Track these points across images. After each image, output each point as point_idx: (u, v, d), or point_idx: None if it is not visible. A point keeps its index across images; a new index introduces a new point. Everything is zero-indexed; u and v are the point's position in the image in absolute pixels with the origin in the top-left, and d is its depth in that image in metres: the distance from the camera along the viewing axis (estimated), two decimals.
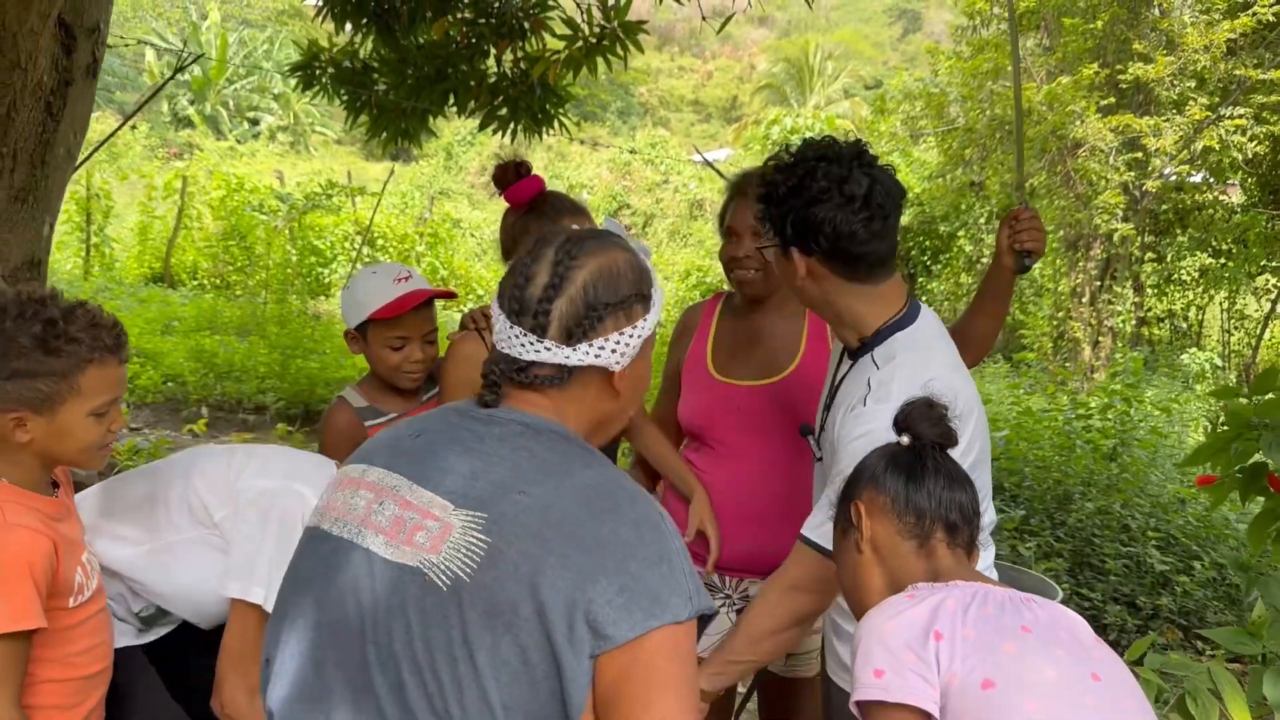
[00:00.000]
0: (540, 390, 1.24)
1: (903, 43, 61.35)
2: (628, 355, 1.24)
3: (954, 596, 1.35)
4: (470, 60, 5.42)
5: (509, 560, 1.09)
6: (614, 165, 24.54)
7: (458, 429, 1.23)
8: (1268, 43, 11.20)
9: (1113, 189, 11.20)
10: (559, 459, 1.19)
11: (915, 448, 1.51)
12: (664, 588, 1.10)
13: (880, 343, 1.81)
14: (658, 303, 1.29)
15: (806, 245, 1.77)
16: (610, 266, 1.24)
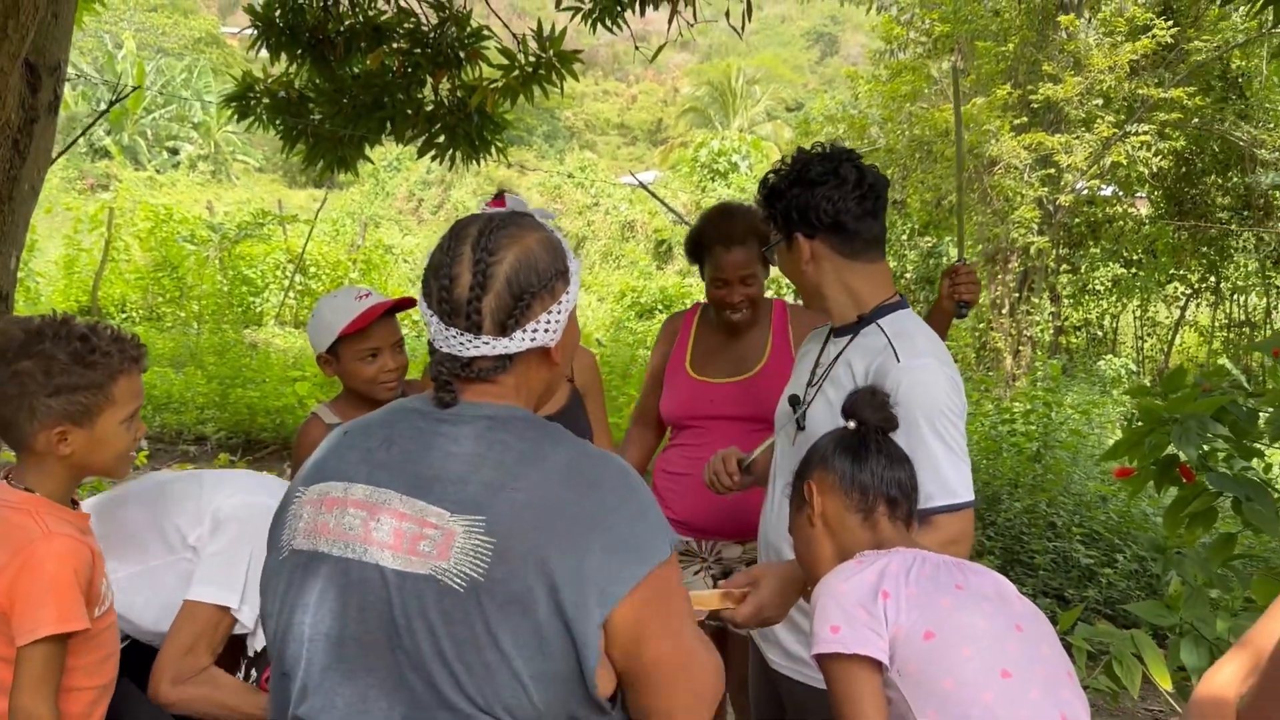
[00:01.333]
0: (490, 379, 1.31)
1: (821, 65, 62.57)
2: (559, 328, 1.32)
3: (896, 560, 1.52)
4: (407, 89, 5.50)
5: (518, 554, 1.17)
6: (544, 188, 24.63)
7: (429, 434, 1.29)
8: (1167, 63, 11.79)
9: (1028, 204, 11.66)
10: (531, 446, 1.26)
11: (860, 431, 1.68)
12: (647, 536, 1.24)
13: (882, 316, 1.98)
14: (575, 270, 1.35)
15: (810, 227, 1.97)
16: (527, 254, 1.29)
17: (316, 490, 1.31)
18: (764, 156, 20.37)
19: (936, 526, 1.87)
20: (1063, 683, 1.44)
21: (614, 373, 8.68)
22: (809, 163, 1.98)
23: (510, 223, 1.32)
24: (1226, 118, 12.27)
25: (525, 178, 31.06)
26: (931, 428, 1.83)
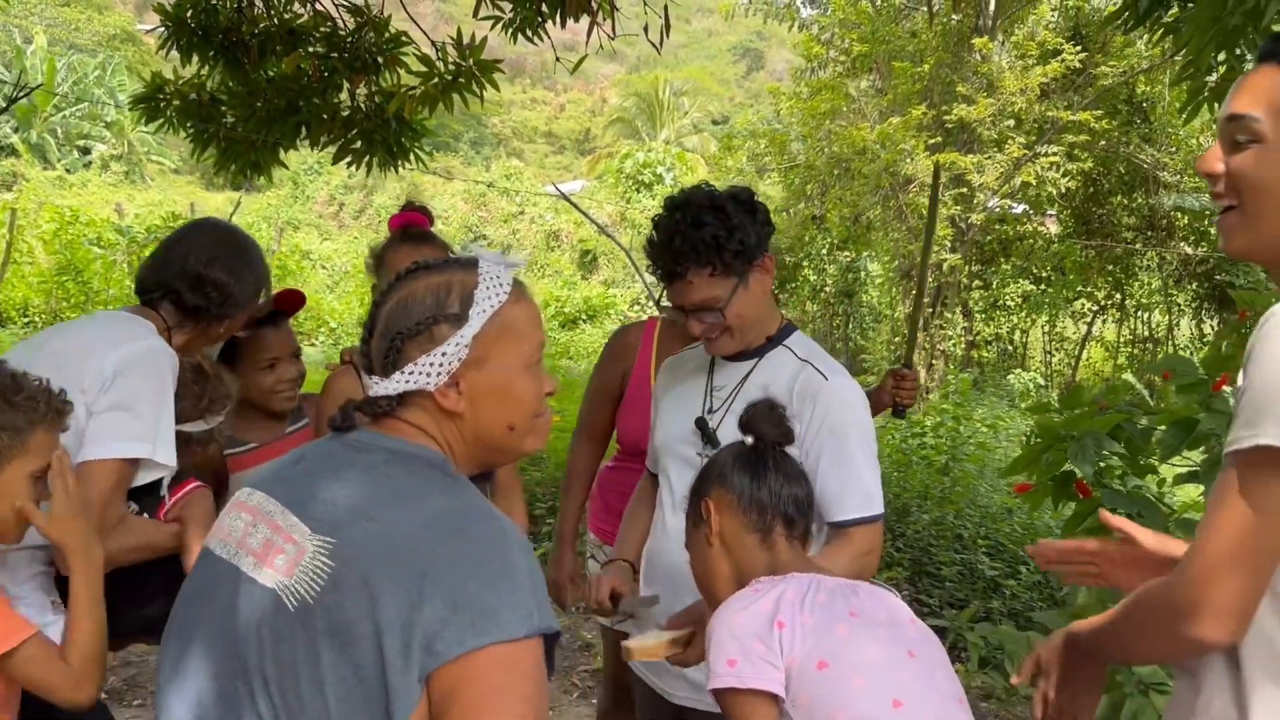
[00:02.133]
0: (396, 416, 1.30)
1: (747, 80, 63.42)
2: (442, 374, 1.27)
3: (792, 587, 1.50)
4: (323, 94, 5.40)
5: (350, 584, 1.12)
6: (469, 196, 24.46)
7: (331, 457, 1.29)
8: (1076, 86, 12.20)
9: (941, 222, 11.93)
10: (417, 485, 1.23)
11: (758, 447, 1.66)
12: (501, 605, 1.12)
13: (785, 338, 2.09)
14: (477, 317, 1.28)
15: (757, 257, 1.99)
16: (407, 297, 1.29)
17: (237, 494, 1.33)
18: (689, 169, 20.53)
19: (853, 539, 1.95)
20: (954, 710, 1.45)
21: None
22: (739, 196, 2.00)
23: (428, 267, 1.32)
24: (1131, 141, 12.75)
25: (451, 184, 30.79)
26: (859, 442, 1.96)
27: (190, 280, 2.08)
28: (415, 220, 2.46)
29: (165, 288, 2.09)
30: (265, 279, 2.23)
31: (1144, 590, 1.36)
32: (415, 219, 2.46)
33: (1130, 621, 1.36)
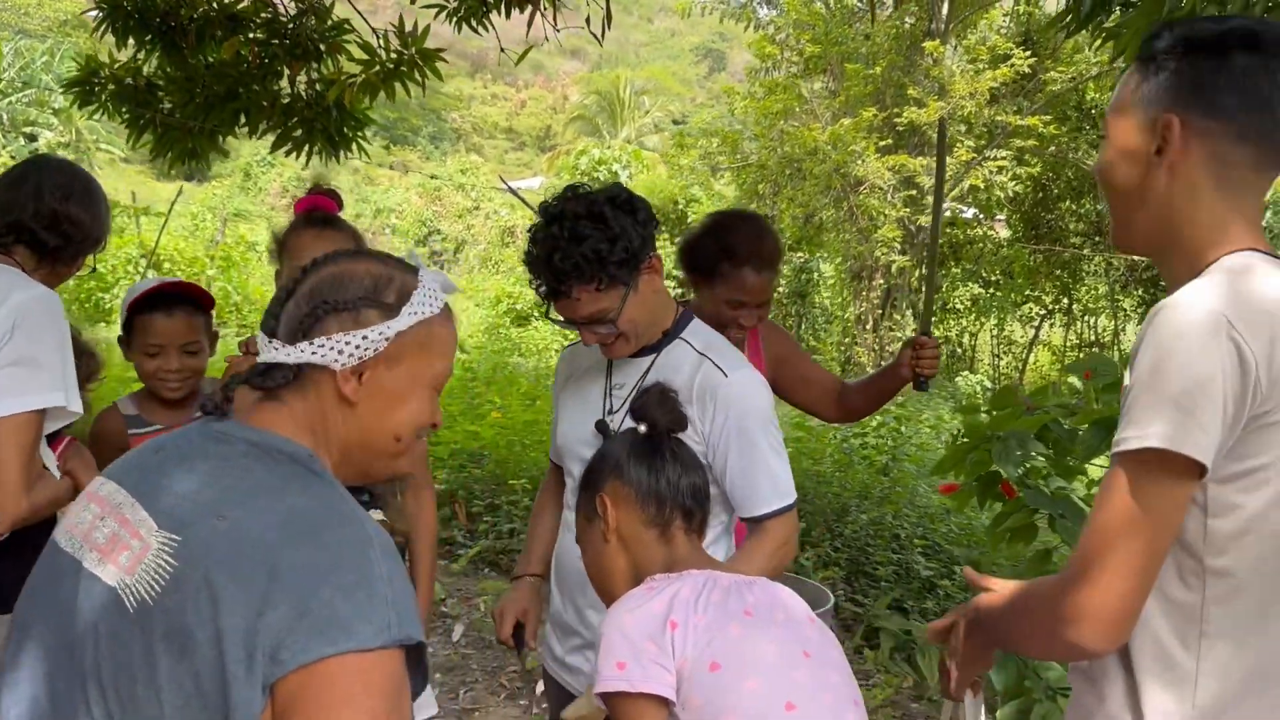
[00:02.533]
0: (278, 398, 1.24)
1: (709, 80, 63.59)
2: (354, 357, 1.21)
3: (688, 585, 1.45)
4: (263, 81, 5.30)
5: (192, 585, 1.06)
6: (424, 191, 24.28)
7: (190, 447, 1.21)
8: (1026, 91, 12.35)
9: (890, 224, 12.02)
10: (276, 481, 1.16)
11: (652, 435, 1.59)
12: (354, 614, 1.05)
13: (681, 330, 2.03)
14: (407, 316, 1.24)
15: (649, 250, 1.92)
16: (344, 272, 1.25)
17: (92, 484, 1.25)
18: (645, 167, 20.51)
19: (769, 531, 1.94)
20: (849, 712, 1.41)
21: (478, 379, 8.55)
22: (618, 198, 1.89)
23: (362, 253, 1.30)
24: (1080, 146, 12.92)
25: (407, 178, 30.56)
26: (764, 434, 1.93)
27: (47, 219, 2.02)
28: (322, 204, 2.36)
29: (19, 229, 2.02)
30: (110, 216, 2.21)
31: (1033, 587, 1.34)
32: (322, 202, 2.36)
33: (1019, 618, 1.34)
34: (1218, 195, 1.24)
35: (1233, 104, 1.21)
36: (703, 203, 16.26)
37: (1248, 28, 1.22)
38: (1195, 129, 1.22)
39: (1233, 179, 1.24)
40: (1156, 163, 1.25)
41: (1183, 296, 1.17)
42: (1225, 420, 1.12)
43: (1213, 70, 1.22)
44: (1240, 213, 1.25)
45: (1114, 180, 1.31)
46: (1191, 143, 1.23)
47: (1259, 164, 1.24)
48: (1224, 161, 1.23)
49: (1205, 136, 1.22)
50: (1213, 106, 1.21)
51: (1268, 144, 1.23)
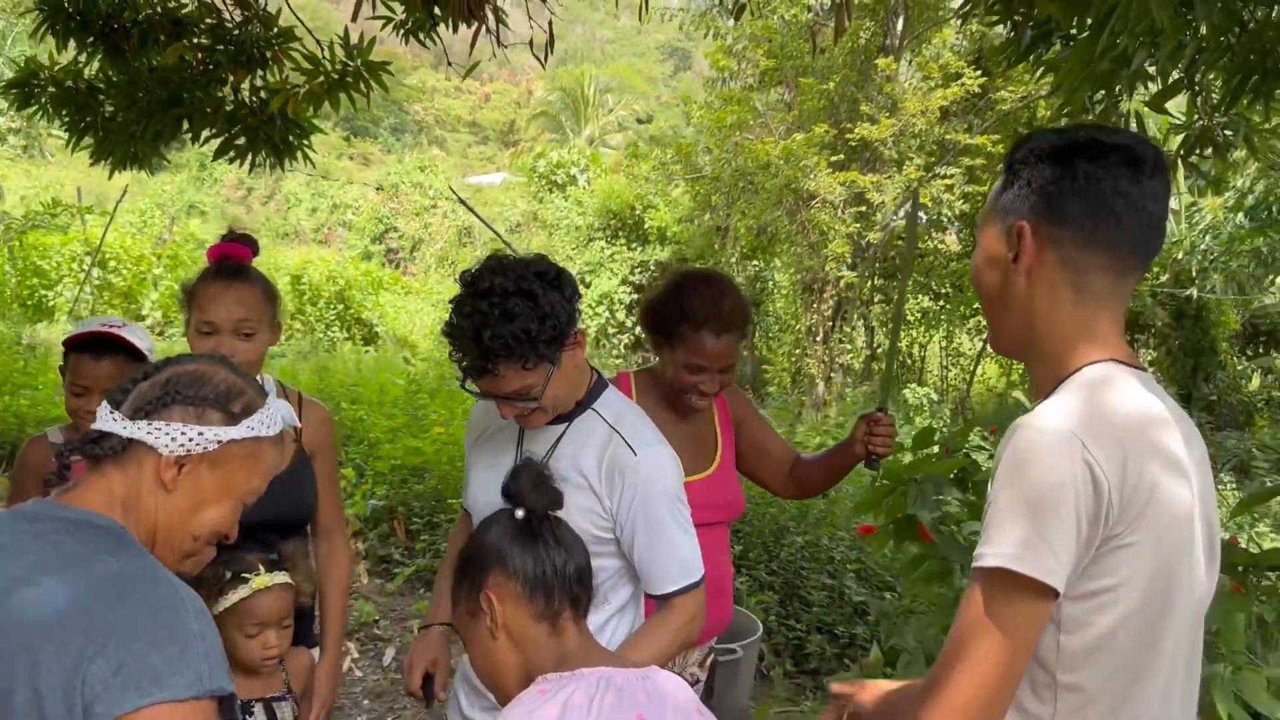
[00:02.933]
0: (101, 469, 1.30)
1: (674, 79, 63.63)
2: (183, 448, 1.30)
3: (581, 689, 1.41)
4: (206, 87, 5.25)
5: (6, 652, 1.11)
6: (381, 185, 24.04)
7: (7, 529, 1.25)
8: (977, 109, 12.51)
9: (840, 239, 12.12)
10: (87, 551, 1.21)
11: (530, 520, 1.56)
12: (167, 667, 1.12)
13: (594, 400, 2.04)
14: (243, 429, 1.35)
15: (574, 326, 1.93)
16: (204, 372, 1.35)
17: None
18: (603, 171, 20.50)
19: (676, 609, 1.97)
20: None
21: (423, 391, 8.44)
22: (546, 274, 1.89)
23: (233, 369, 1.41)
24: None
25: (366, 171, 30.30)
26: (670, 514, 1.95)
27: None
28: (235, 252, 2.35)
29: None
30: None
31: (903, 690, 1.38)
32: (235, 251, 2.35)
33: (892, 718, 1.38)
34: (1077, 302, 1.27)
35: (1079, 212, 1.25)
36: (660, 210, 16.30)
37: (1091, 137, 1.27)
38: (1046, 236, 1.27)
39: (1091, 286, 1.27)
40: (1014, 269, 1.29)
41: (1039, 416, 1.19)
42: (1079, 541, 1.14)
43: (1058, 179, 1.26)
44: (1101, 320, 1.28)
45: (981, 285, 1.36)
46: (1045, 250, 1.27)
47: (1114, 270, 1.27)
48: (1077, 268, 1.26)
49: (1056, 244, 1.26)
50: (1061, 214, 1.26)
51: (1119, 250, 1.26)
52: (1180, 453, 1.23)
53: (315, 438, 2.47)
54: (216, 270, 2.29)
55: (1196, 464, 1.28)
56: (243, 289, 2.24)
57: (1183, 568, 1.23)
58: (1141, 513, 1.16)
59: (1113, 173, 1.24)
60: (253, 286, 2.28)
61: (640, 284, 16.94)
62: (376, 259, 21.93)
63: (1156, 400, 1.26)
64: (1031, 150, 1.30)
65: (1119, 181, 1.24)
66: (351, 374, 9.61)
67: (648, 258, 16.77)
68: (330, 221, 24.67)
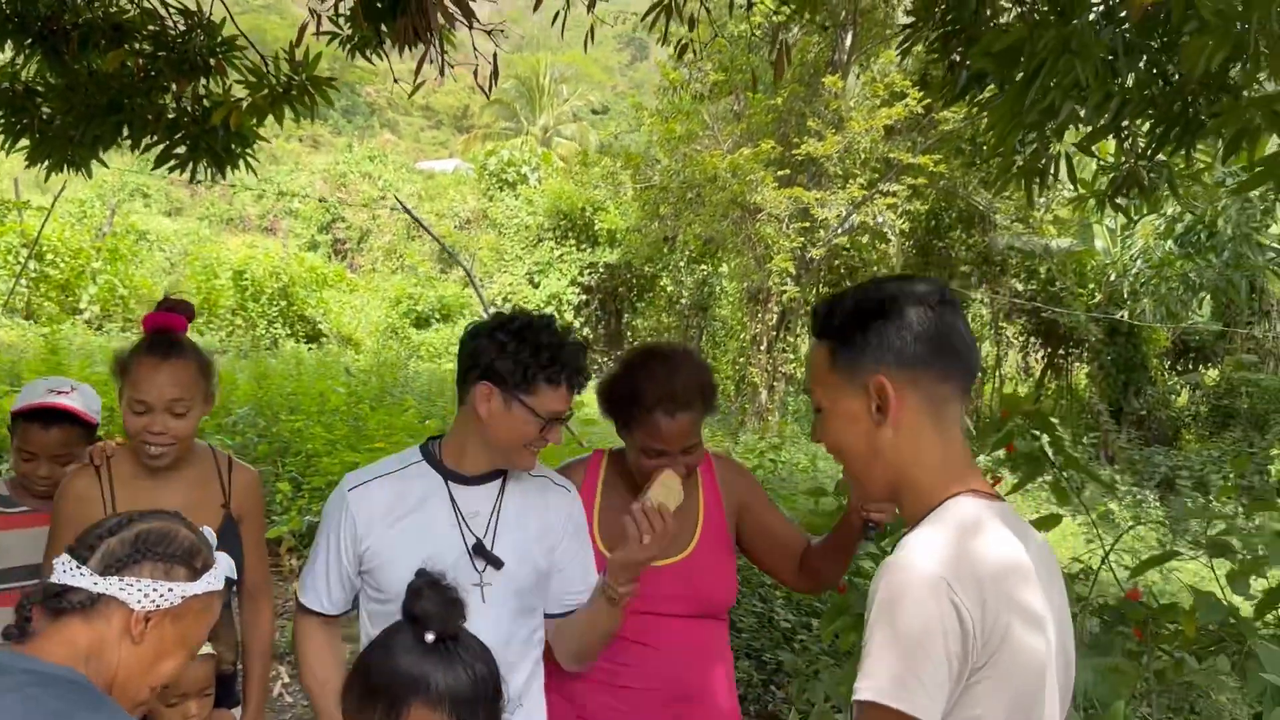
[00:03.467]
0: (65, 622, 1.34)
1: (631, 69, 63.52)
2: (154, 603, 1.38)
3: None
4: (147, 94, 5.20)
5: None
6: (329, 175, 23.72)
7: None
8: (920, 128, 12.72)
9: (784, 254, 12.28)
10: (66, 708, 1.24)
11: (443, 639, 1.52)
12: None
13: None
14: (204, 584, 1.44)
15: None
16: (170, 531, 1.43)
17: None
18: (554, 170, 20.48)
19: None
20: None
21: (364, 402, 8.34)
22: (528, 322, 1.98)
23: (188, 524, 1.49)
24: (970, 182, 13.37)
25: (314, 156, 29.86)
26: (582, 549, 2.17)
27: None
28: (170, 323, 2.31)
29: None
30: None
31: None
32: (171, 321, 2.31)
33: None
34: (937, 434, 1.35)
35: (925, 351, 1.32)
36: (610, 212, 16.34)
37: (899, 289, 1.36)
38: (906, 382, 1.33)
39: (946, 415, 1.35)
40: (880, 420, 1.34)
41: (910, 556, 1.26)
42: (951, 677, 1.21)
43: (896, 329, 1.33)
44: (956, 446, 1.37)
45: (843, 446, 1.40)
46: (905, 394, 1.33)
47: (959, 395, 1.36)
48: (936, 403, 1.34)
49: (914, 385, 1.33)
50: (913, 360, 1.33)
51: (962, 377, 1.35)
52: (1038, 604, 1.30)
53: (244, 502, 2.45)
54: (150, 345, 2.25)
55: (1055, 607, 1.36)
56: (176, 367, 2.21)
57: (1036, 709, 1.30)
58: (997, 653, 1.24)
59: (938, 311, 1.33)
60: (186, 363, 2.24)
61: (589, 285, 16.97)
62: (323, 249, 21.68)
63: (1017, 543, 1.33)
64: (855, 312, 1.37)
65: (945, 318, 1.33)
66: (291, 379, 9.44)
67: (597, 259, 16.81)
68: (276, 209, 24.31)
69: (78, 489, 2.26)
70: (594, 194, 16.17)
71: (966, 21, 4.09)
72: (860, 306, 1.36)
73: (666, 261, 14.83)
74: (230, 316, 15.49)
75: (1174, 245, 10.90)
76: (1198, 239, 10.44)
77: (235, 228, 24.12)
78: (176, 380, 2.20)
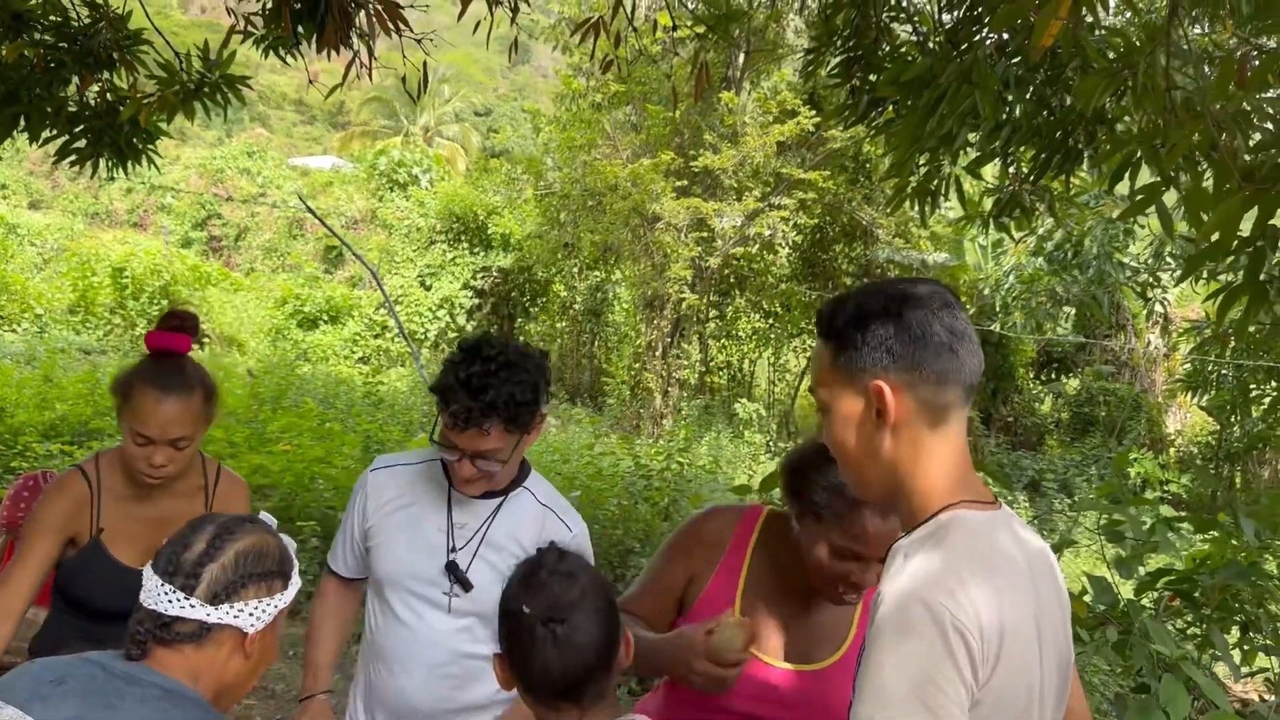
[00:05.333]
0: (177, 649, 1.38)
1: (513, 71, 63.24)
2: (263, 621, 1.43)
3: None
4: (48, 86, 5.05)
5: None
6: (205, 169, 22.90)
7: (103, 687, 1.33)
8: (810, 144, 13.20)
9: (683, 263, 12.57)
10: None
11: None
12: None
13: (524, 480, 2.18)
14: (294, 586, 1.49)
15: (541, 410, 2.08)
16: (262, 544, 1.45)
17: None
18: (445, 172, 20.31)
19: None
20: None
21: (264, 404, 8.23)
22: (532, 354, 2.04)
23: (257, 524, 1.49)
24: (854, 197, 13.94)
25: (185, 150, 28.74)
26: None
27: None
28: (173, 344, 2.22)
29: None
30: None
31: None
32: (173, 343, 2.22)
33: None
34: (936, 440, 1.33)
35: (925, 358, 1.31)
36: (504, 216, 16.33)
37: (902, 291, 1.35)
38: (904, 388, 1.31)
39: (945, 420, 1.33)
40: (880, 424, 1.33)
41: (912, 583, 1.23)
42: (963, 706, 1.19)
43: (898, 334, 1.32)
44: (957, 454, 1.35)
45: (844, 446, 1.39)
46: (904, 401, 1.32)
47: (962, 399, 1.34)
48: (935, 408, 1.32)
49: (913, 389, 1.31)
50: (911, 362, 1.31)
51: (964, 381, 1.33)
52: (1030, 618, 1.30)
53: (234, 508, 2.39)
54: (153, 375, 2.18)
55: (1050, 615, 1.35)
56: (179, 403, 2.16)
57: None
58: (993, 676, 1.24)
59: (938, 315, 1.32)
60: (190, 398, 2.18)
61: (482, 289, 16.92)
62: (197, 246, 20.94)
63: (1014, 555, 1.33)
64: (856, 313, 1.35)
65: (945, 322, 1.32)
66: None
67: (490, 263, 16.77)
68: (147, 204, 23.35)
69: (76, 491, 2.23)
70: (490, 199, 16.14)
71: (866, 48, 4.38)
72: (861, 308, 1.35)
73: (561, 267, 14.93)
74: (108, 315, 14.88)
75: (1044, 262, 11.63)
76: (1065, 256, 11.18)
77: (102, 222, 23.04)
78: (179, 417, 2.15)
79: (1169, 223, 3.64)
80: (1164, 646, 2.74)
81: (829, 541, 1.80)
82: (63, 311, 14.64)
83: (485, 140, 37.39)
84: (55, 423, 7.66)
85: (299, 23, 5.07)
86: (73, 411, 7.83)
